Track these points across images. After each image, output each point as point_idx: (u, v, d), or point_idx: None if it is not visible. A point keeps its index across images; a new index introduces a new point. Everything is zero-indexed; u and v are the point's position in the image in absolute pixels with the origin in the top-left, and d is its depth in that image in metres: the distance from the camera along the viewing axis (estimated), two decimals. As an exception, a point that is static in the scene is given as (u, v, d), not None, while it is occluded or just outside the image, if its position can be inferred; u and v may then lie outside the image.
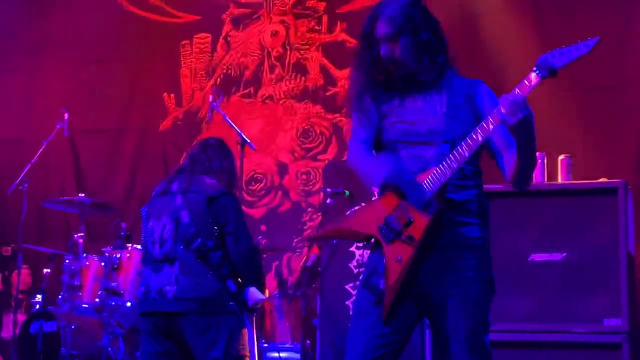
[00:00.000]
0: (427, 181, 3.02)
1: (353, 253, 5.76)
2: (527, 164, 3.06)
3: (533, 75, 2.86)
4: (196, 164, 4.81)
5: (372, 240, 3.19)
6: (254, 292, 4.62)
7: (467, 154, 2.97)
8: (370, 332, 3.11)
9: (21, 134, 9.11)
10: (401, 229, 3.04)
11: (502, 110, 2.87)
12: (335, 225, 3.44)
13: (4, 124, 9.18)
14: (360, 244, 5.61)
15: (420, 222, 3.01)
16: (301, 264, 7.23)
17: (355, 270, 5.72)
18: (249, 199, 8.41)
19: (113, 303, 6.39)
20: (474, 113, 3.16)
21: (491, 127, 2.93)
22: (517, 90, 2.87)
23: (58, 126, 7.47)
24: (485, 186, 5.01)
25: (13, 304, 7.44)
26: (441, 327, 3.12)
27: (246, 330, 4.59)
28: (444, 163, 3.00)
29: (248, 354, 4.57)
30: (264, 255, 7.02)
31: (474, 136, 2.96)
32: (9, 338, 7.54)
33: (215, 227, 4.59)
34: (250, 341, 4.66)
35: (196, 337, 4.45)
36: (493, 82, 3.15)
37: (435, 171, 3.01)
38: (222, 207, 4.62)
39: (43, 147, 7.45)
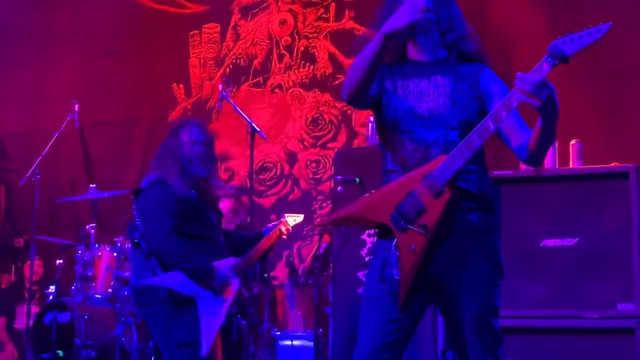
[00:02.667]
0: (437, 169, 3.00)
1: (364, 241, 5.76)
2: (549, 141, 3.04)
3: (544, 63, 2.82)
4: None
5: (381, 228, 3.19)
6: (221, 268, 4.66)
7: (478, 143, 2.95)
8: (382, 318, 3.11)
9: (31, 126, 9.14)
10: (414, 217, 3.03)
11: (525, 89, 2.81)
12: (345, 212, 3.42)
13: (15, 117, 9.22)
14: (372, 232, 5.63)
15: (433, 211, 3.00)
16: (312, 252, 7.23)
17: (367, 258, 5.73)
18: (259, 188, 8.42)
19: (126, 293, 6.41)
20: (478, 99, 3.15)
21: (504, 114, 2.90)
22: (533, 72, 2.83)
23: (68, 118, 7.46)
24: (495, 172, 5.05)
25: (26, 295, 7.48)
26: (451, 313, 3.13)
27: (200, 314, 4.55)
28: (455, 151, 2.98)
29: (198, 340, 4.51)
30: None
31: (487, 124, 2.93)
32: (23, 329, 7.58)
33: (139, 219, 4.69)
34: (204, 325, 4.56)
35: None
36: (501, 69, 3.15)
37: (446, 160, 2.99)
38: (141, 199, 4.71)
39: (54, 138, 7.45)
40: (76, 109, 7.45)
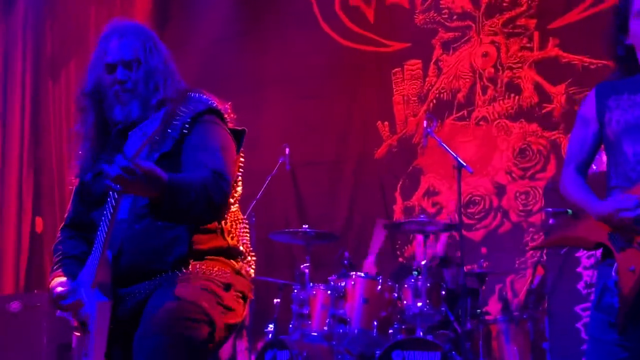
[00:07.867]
0: None
1: (580, 274, 5.61)
2: None
3: None
4: None
5: (600, 250, 3.07)
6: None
7: None
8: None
9: (248, 168, 9.47)
10: (634, 235, 2.91)
11: None
12: (560, 234, 3.34)
13: (232, 161, 9.62)
14: (588, 264, 5.47)
15: None
16: (526, 285, 7.11)
17: (584, 292, 5.57)
18: (468, 221, 8.36)
19: (341, 331, 6.52)
20: None
21: None
22: None
23: (280, 160, 7.83)
24: None
25: (245, 333, 7.76)
26: None
27: None
28: None
29: None
30: (487, 278, 6.97)
31: None
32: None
33: None
34: None
35: None
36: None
37: None
38: None
39: (267, 181, 7.78)
40: (287, 152, 7.79)
